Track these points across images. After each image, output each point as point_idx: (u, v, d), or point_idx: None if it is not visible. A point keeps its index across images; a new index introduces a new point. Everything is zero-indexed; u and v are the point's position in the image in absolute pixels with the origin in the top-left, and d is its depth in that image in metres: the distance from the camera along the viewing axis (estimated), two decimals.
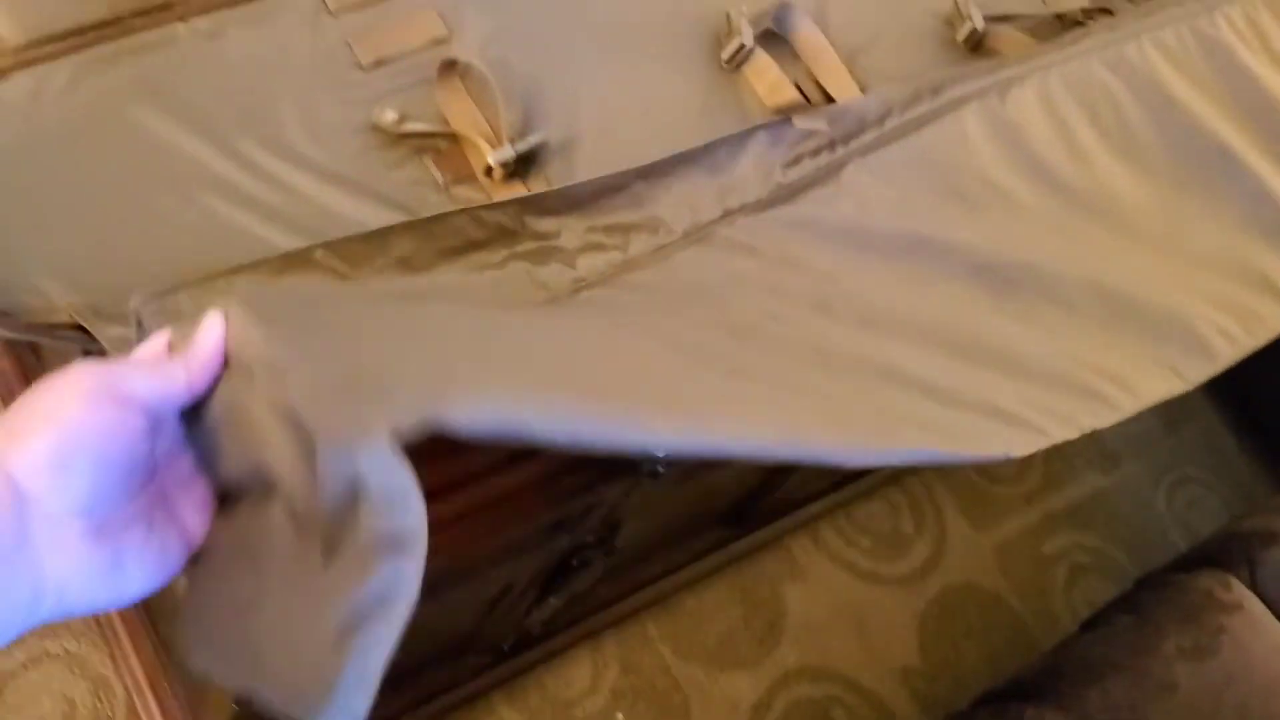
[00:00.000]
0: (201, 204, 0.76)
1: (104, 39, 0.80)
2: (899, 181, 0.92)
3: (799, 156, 0.89)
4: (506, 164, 0.82)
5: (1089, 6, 1.10)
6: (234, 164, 0.78)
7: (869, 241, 0.89)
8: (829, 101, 0.98)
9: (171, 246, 0.74)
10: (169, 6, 0.82)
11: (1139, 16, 1.07)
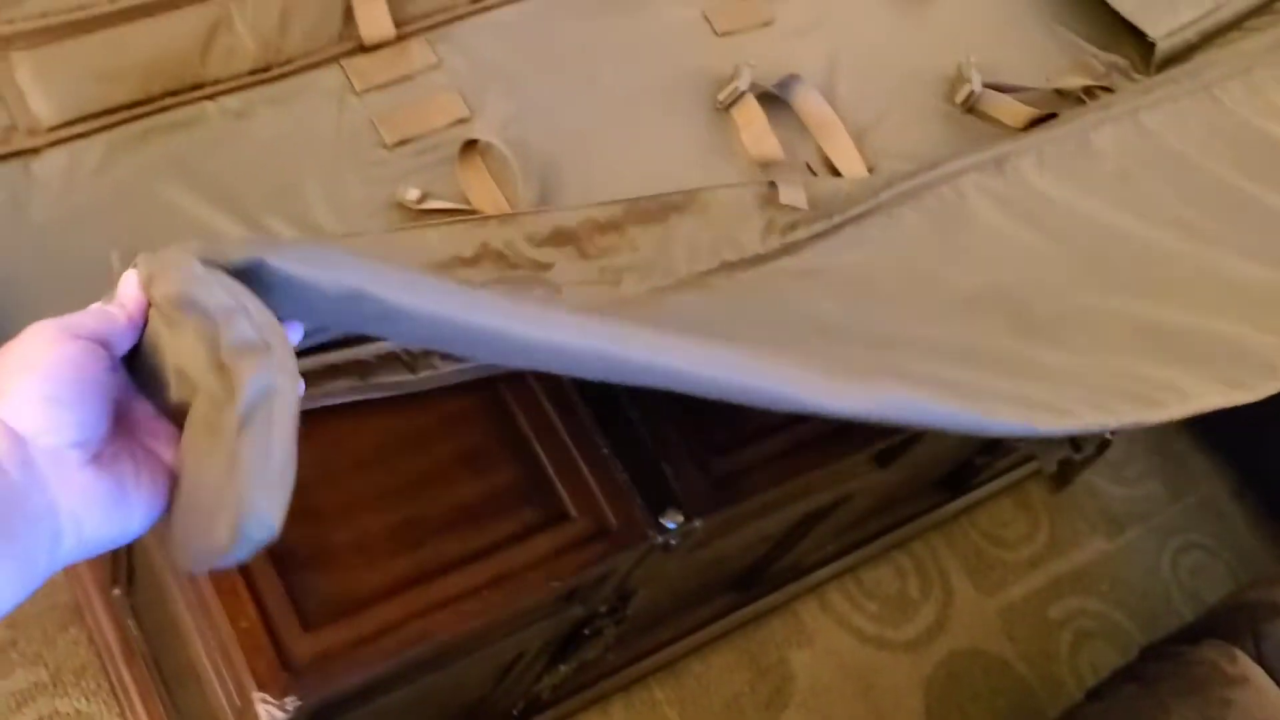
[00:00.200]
0: None
1: (136, 117, 0.83)
2: (901, 242, 0.95)
3: (795, 223, 0.92)
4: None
5: (1090, 84, 1.13)
6: None
7: (873, 286, 0.91)
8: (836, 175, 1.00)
9: None
10: (199, 86, 0.84)
11: (1139, 93, 1.10)
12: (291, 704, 0.68)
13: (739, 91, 0.98)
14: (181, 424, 0.45)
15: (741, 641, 1.41)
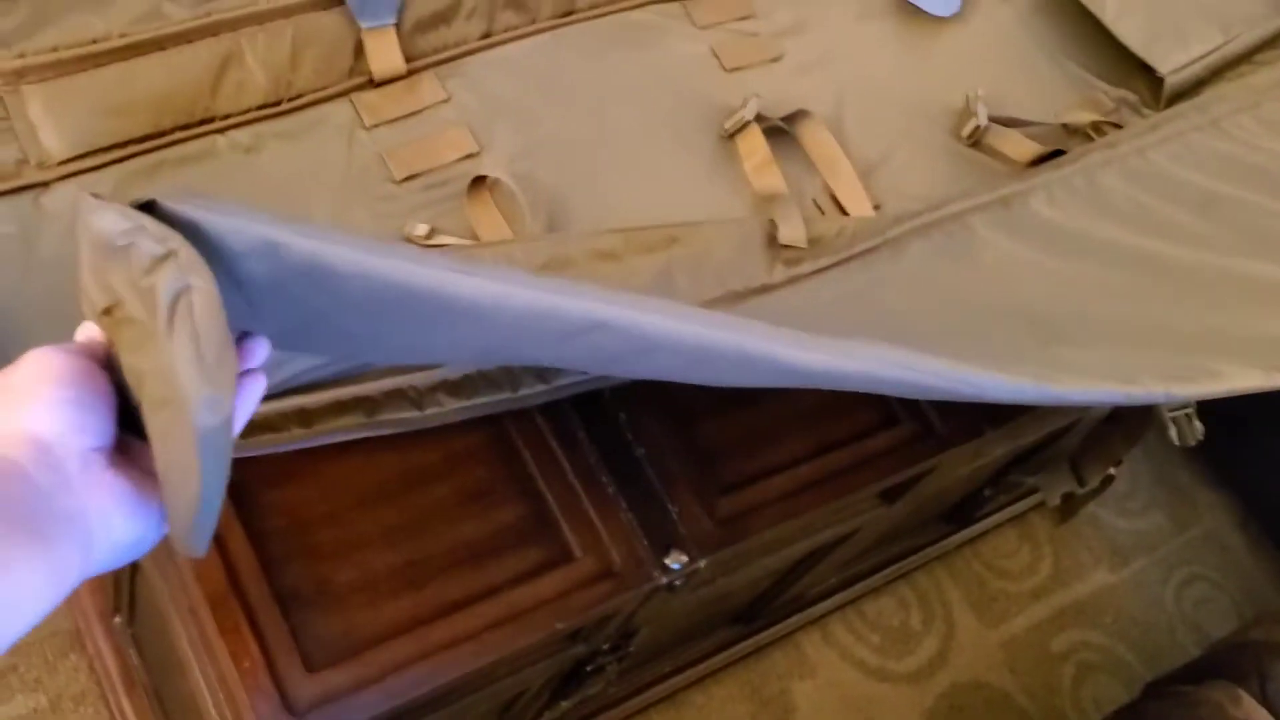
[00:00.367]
0: None
1: (146, 151, 0.83)
2: (910, 268, 0.94)
3: (799, 258, 0.92)
4: None
5: (1099, 120, 1.13)
6: None
7: (883, 304, 0.91)
8: (842, 212, 1.00)
9: None
10: (210, 119, 0.85)
11: (1147, 130, 1.10)
12: None
13: (744, 121, 0.99)
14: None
15: (743, 673, 1.40)
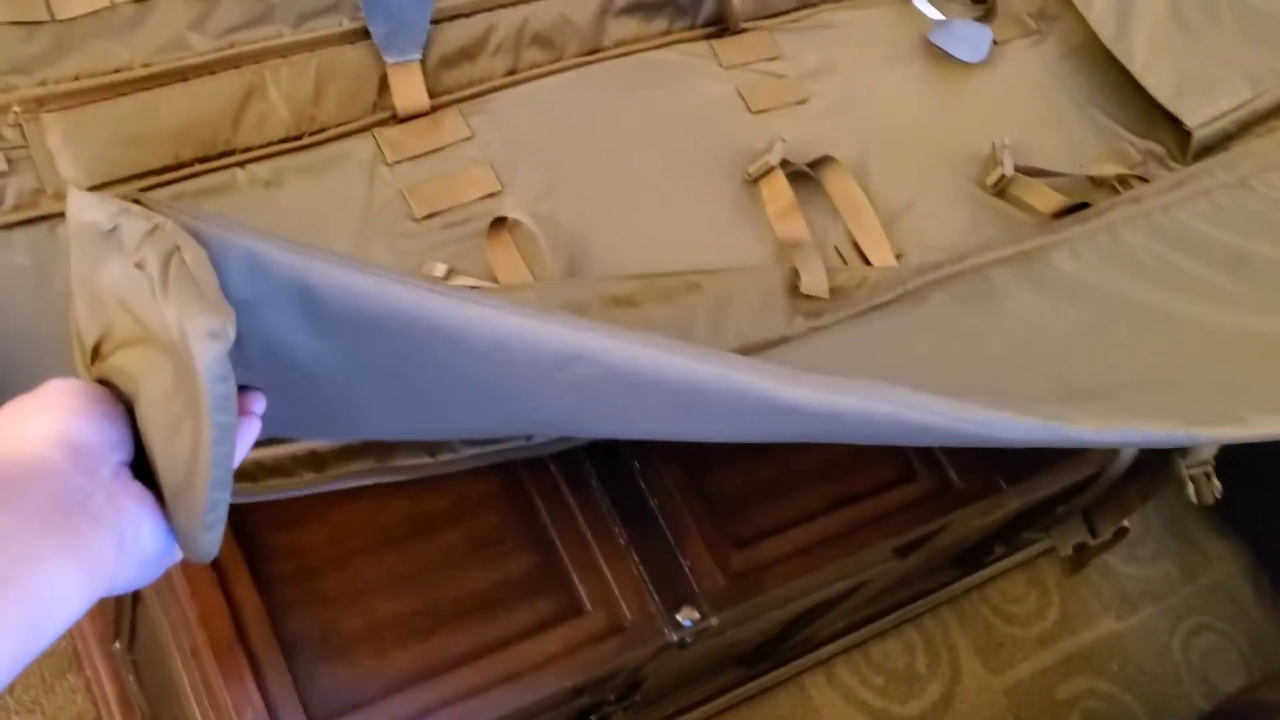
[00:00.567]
0: None
1: (165, 183, 0.82)
2: (928, 317, 0.93)
3: (820, 310, 0.91)
4: None
5: (1124, 173, 1.12)
6: None
7: (903, 350, 0.89)
8: (865, 263, 0.99)
9: None
10: (230, 152, 0.84)
11: (1173, 185, 1.09)
12: None
13: (769, 166, 0.97)
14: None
15: (747, 714, 1.39)
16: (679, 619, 0.80)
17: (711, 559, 0.84)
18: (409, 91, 0.89)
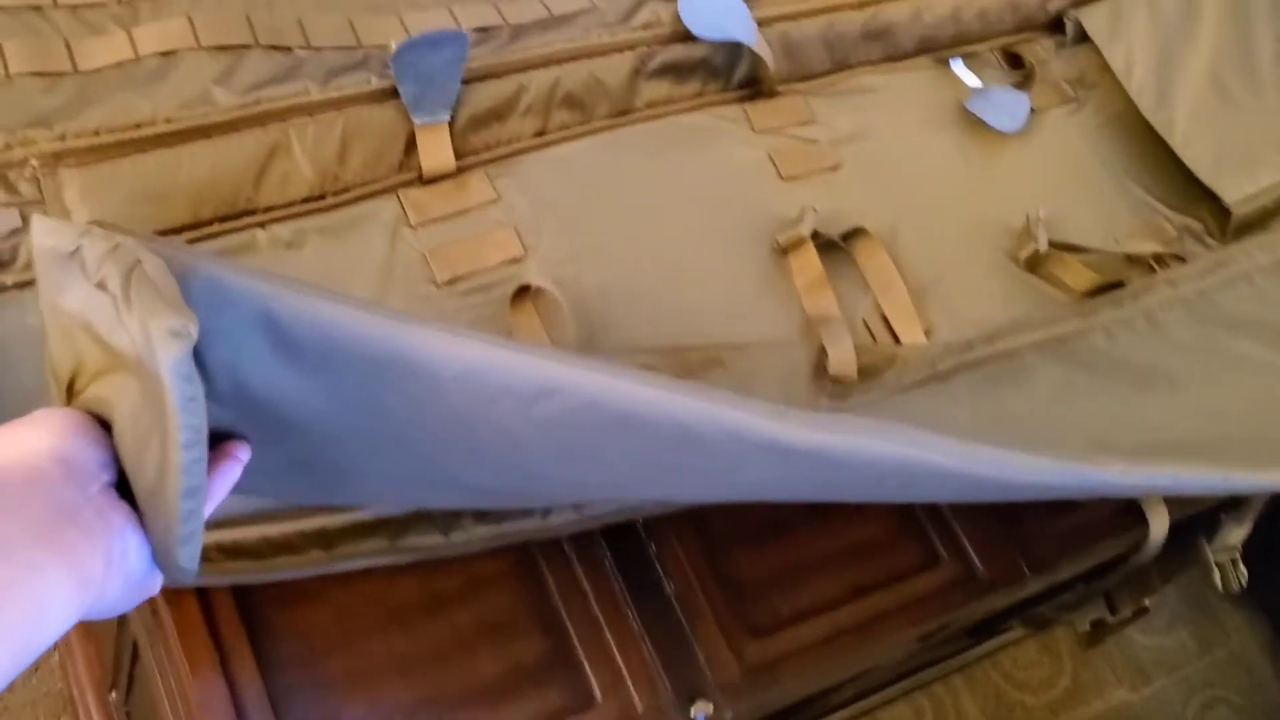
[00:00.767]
0: None
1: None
2: (956, 397, 0.91)
3: (847, 391, 0.88)
4: None
5: (1161, 252, 1.09)
6: None
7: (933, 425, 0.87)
8: (894, 338, 0.96)
9: None
10: (251, 211, 0.82)
11: (1213, 268, 1.06)
12: None
13: (800, 237, 0.95)
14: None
15: None
16: (693, 713, 0.77)
17: (727, 648, 0.81)
18: (436, 152, 0.87)
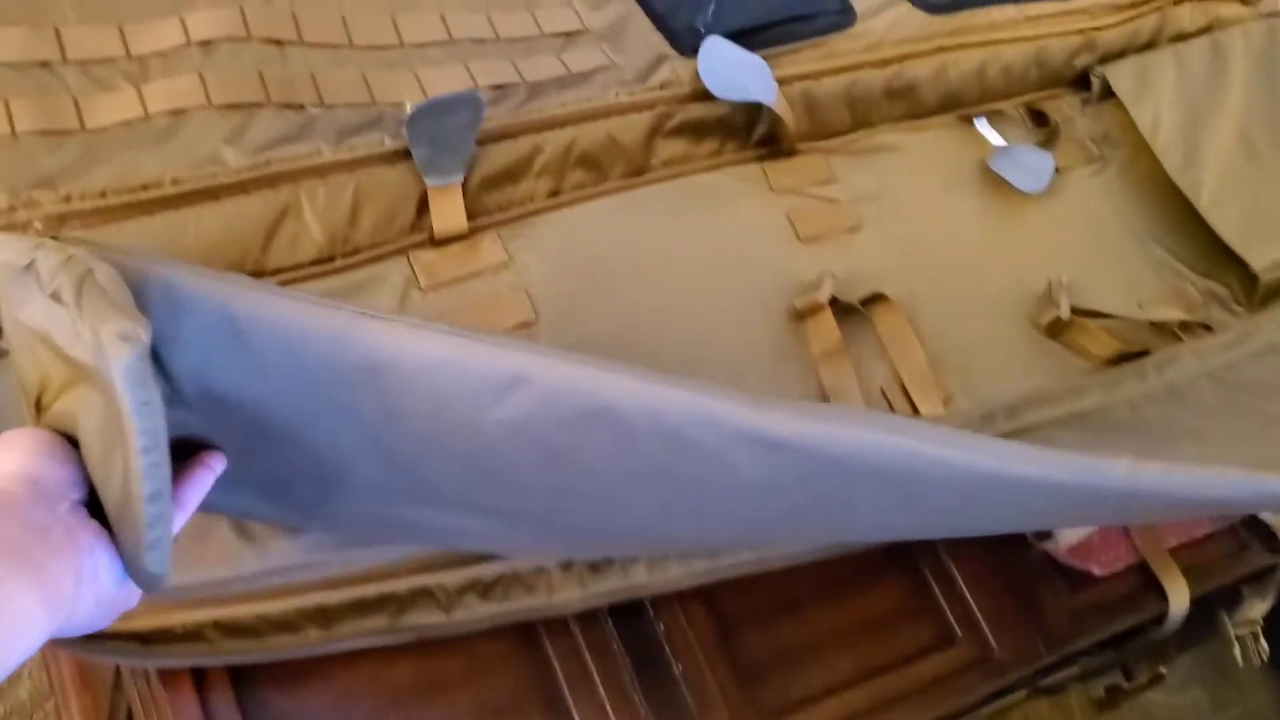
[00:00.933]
0: None
1: None
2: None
3: None
4: None
5: (1186, 319, 1.07)
6: None
7: None
8: (912, 407, 0.94)
9: None
10: (258, 274, 0.80)
11: (1238, 340, 1.03)
12: None
13: (817, 304, 0.93)
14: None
15: None
16: None
17: None
18: (448, 214, 0.85)
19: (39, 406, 0.48)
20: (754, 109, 0.98)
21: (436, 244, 0.85)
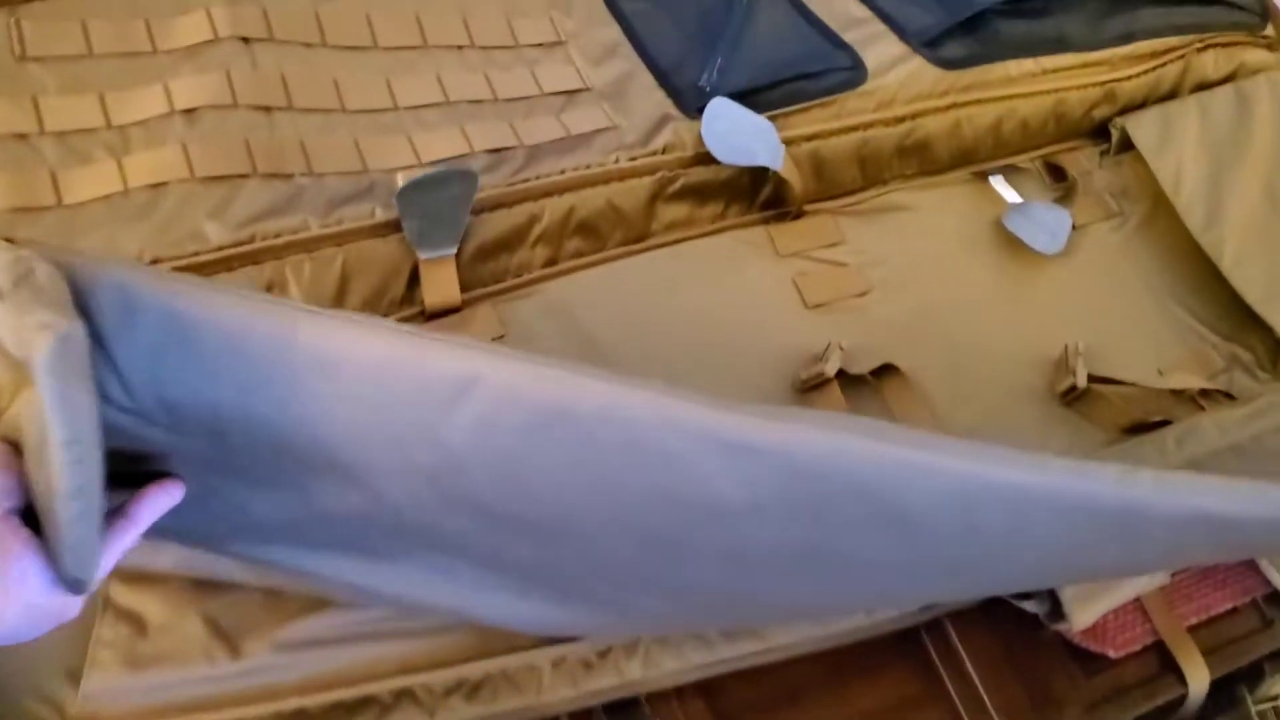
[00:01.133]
0: None
1: None
2: None
3: None
4: None
5: (1208, 387, 1.03)
6: None
7: None
8: None
9: None
10: None
11: (1262, 412, 0.99)
12: None
13: (824, 376, 0.90)
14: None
15: None
16: None
17: None
18: (441, 287, 0.82)
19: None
20: (760, 171, 0.95)
21: (429, 318, 0.82)
